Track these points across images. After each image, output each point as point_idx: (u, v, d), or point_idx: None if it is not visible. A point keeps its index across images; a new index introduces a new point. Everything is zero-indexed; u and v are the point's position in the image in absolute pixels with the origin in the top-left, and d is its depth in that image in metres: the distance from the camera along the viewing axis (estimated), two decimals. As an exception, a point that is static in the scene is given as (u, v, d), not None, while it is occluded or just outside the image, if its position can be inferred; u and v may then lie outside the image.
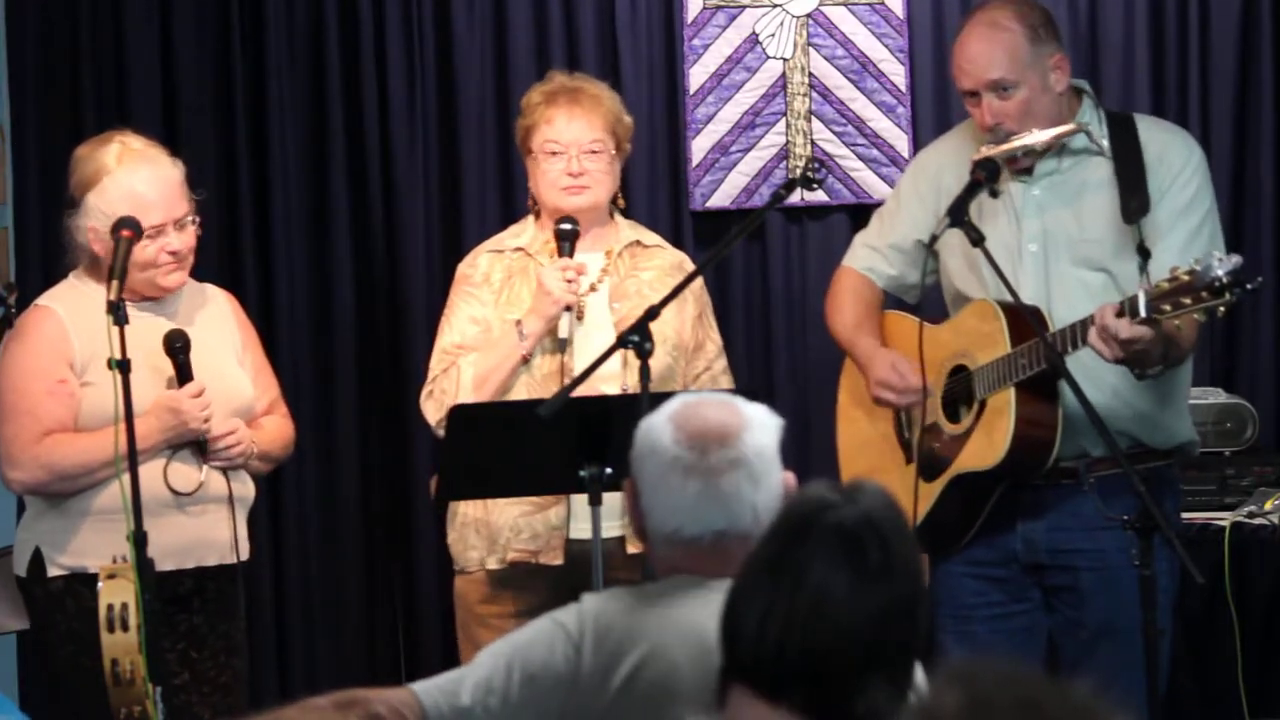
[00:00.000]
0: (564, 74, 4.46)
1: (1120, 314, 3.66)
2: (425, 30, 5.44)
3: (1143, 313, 3.62)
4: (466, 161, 5.44)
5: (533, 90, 4.42)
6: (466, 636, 4.30)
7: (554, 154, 4.27)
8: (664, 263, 4.36)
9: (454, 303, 4.37)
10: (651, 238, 4.45)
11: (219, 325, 4.22)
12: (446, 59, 5.44)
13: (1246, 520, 4.83)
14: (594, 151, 4.26)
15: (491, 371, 4.21)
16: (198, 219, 4.11)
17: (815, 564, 2.12)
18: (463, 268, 4.41)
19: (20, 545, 4.10)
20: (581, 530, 4.16)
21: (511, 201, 5.39)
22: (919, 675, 2.50)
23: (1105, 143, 4.02)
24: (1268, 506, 4.85)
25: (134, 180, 4.02)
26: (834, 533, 2.13)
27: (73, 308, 4.06)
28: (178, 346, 4.01)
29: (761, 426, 2.69)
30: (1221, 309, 3.57)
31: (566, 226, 4.22)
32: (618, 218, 4.42)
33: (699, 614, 2.49)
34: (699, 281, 4.39)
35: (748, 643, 2.13)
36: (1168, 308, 3.60)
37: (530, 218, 4.41)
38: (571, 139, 4.26)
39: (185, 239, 4.07)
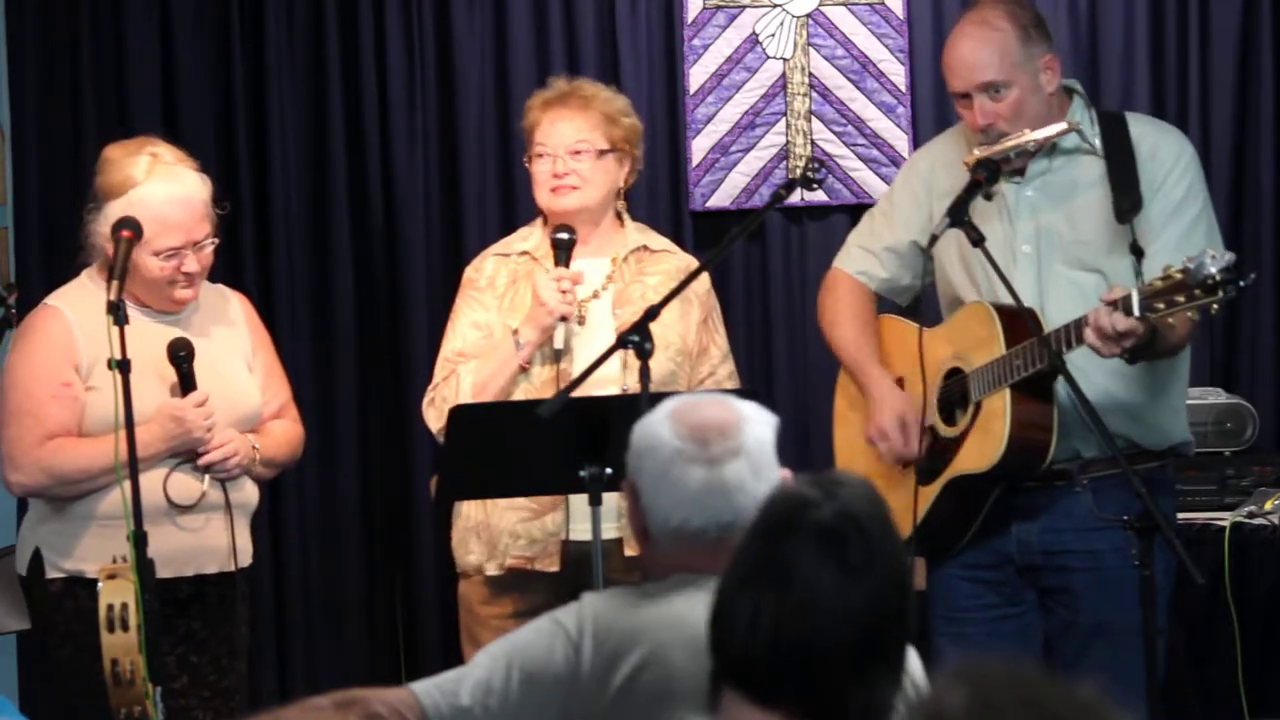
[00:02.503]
0: (565, 79, 4.46)
1: (1114, 311, 3.66)
2: (425, 30, 5.44)
3: (1136, 311, 3.62)
4: (466, 162, 5.44)
5: (531, 97, 4.42)
6: (469, 638, 4.30)
7: (541, 155, 4.28)
8: (670, 267, 4.35)
9: (458, 308, 4.37)
10: (660, 242, 4.44)
11: (230, 330, 4.21)
12: (446, 59, 5.45)
13: (1246, 520, 4.83)
14: (578, 152, 4.26)
15: (490, 379, 4.21)
16: (216, 240, 4.09)
17: (801, 562, 2.12)
18: (469, 271, 4.41)
19: (22, 545, 4.10)
20: (579, 532, 4.16)
21: (511, 202, 5.39)
22: (912, 660, 2.51)
23: (1097, 142, 4.01)
24: (1268, 506, 4.85)
25: (159, 199, 3.99)
26: (816, 530, 2.13)
27: (81, 309, 4.05)
28: (181, 355, 3.99)
29: (759, 421, 2.69)
30: (1214, 306, 3.57)
31: (563, 236, 4.22)
32: (626, 222, 4.41)
33: (699, 614, 2.48)
34: (704, 286, 4.38)
35: (738, 646, 2.13)
36: (1161, 306, 3.60)
37: (539, 221, 4.41)
38: (557, 141, 4.27)
39: (201, 259, 4.06)
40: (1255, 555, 4.82)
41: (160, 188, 4.01)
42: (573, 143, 4.27)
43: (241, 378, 4.17)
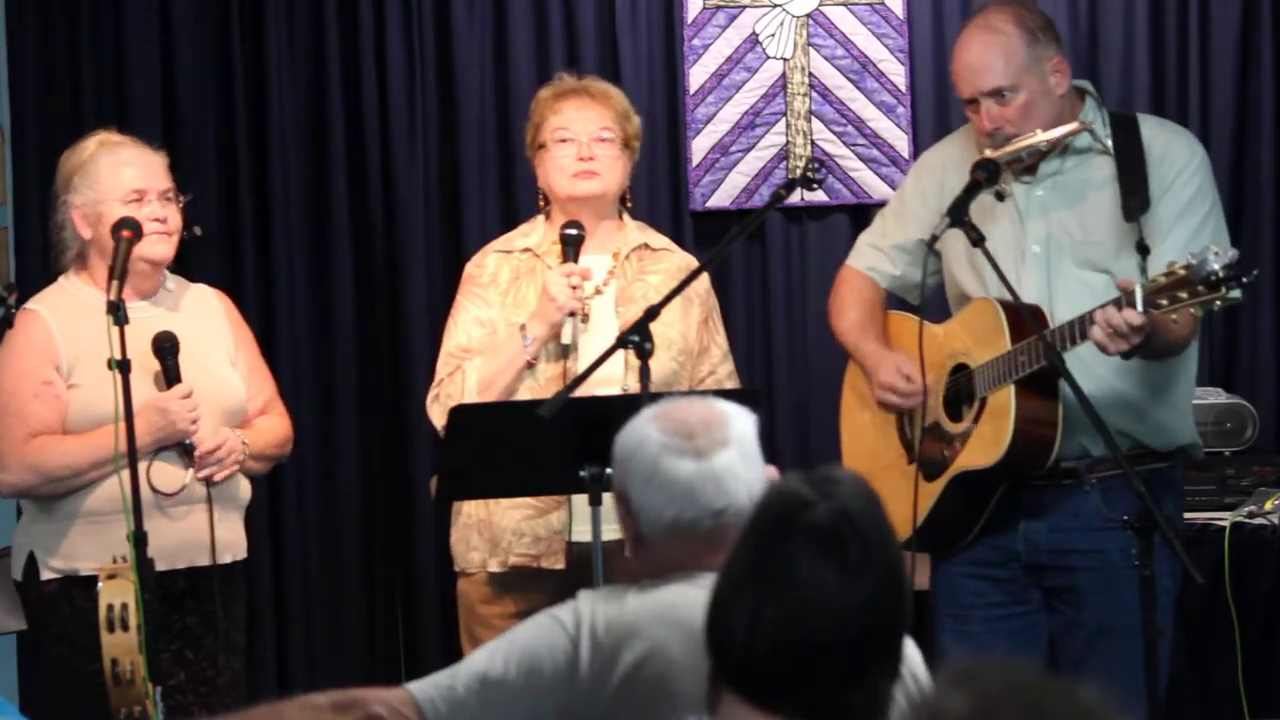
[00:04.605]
0: (573, 75, 4.45)
1: (1120, 309, 3.67)
2: (425, 30, 5.44)
3: (1139, 307, 3.63)
4: (466, 161, 5.44)
5: (541, 91, 4.42)
6: (469, 637, 4.30)
7: (564, 140, 4.27)
8: (671, 265, 4.35)
9: (461, 304, 4.36)
10: (660, 240, 4.44)
11: (211, 325, 4.23)
12: (446, 59, 5.45)
13: (1246, 520, 4.83)
14: (604, 139, 4.27)
15: (496, 376, 4.21)
16: (184, 198, 4.13)
17: (799, 564, 2.11)
18: (470, 268, 4.41)
19: (16, 549, 4.11)
20: (582, 533, 4.15)
21: (512, 201, 5.39)
22: (912, 653, 2.51)
23: (1109, 142, 4.02)
24: (1268, 506, 4.85)
25: (117, 157, 4.08)
26: (813, 532, 2.13)
27: (59, 310, 4.07)
28: (166, 348, 4.01)
29: (741, 417, 2.70)
30: (1218, 303, 3.57)
31: (571, 232, 4.22)
32: (626, 220, 4.41)
33: (697, 611, 2.48)
34: (705, 285, 4.38)
35: (737, 648, 2.13)
36: (1165, 302, 3.60)
37: (540, 218, 4.40)
38: (582, 126, 4.27)
39: (171, 213, 4.09)
40: (1255, 555, 4.82)
41: (116, 150, 4.11)
42: (598, 129, 4.27)
43: (225, 371, 4.18)
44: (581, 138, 4.26)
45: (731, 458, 2.64)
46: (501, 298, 4.31)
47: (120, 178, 4.05)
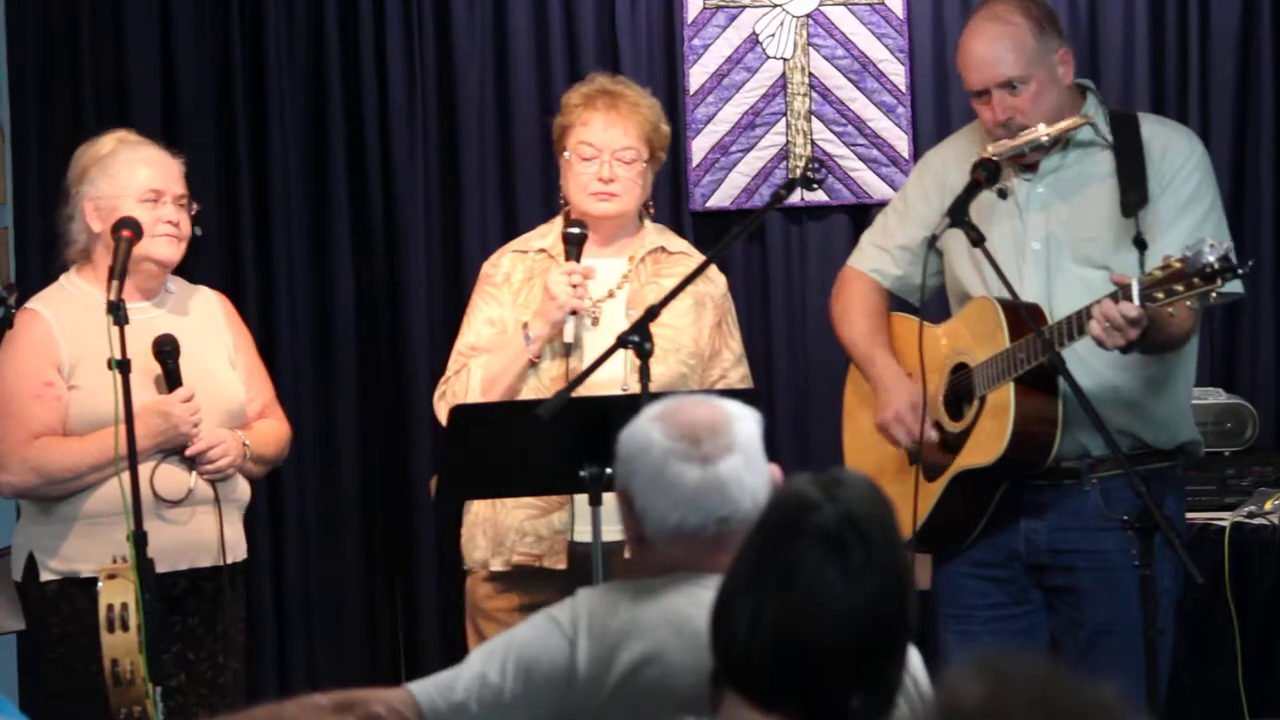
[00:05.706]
0: (606, 76, 4.43)
1: (1116, 302, 3.67)
2: (425, 31, 5.44)
3: (1136, 301, 3.63)
4: (466, 164, 5.44)
5: (572, 90, 4.39)
6: (476, 634, 4.30)
7: (587, 158, 4.26)
8: (687, 270, 4.31)
9: (474, 303, 4.37)
10: (677, 244, 4.43)
11: (211, 326, 4.23)
12: (446, 60, 5.45)
13: (1246, 520, 4.83)
14: (626, 160, 4.25)
15: (499, 374, 4.21)
16: (196, 205, 4.14)
17: (802, 566, 2.12)
18: (485, 267, 4.41)
19: (16, 550, 4.11)
20: (584, 533, 4.16)
21: (512, 203, 5.39)
22: (913, 657, 2.51)
23: (1110, 137, 4.02)
24: (1268, 506, 4.85)
25: (136, 155, 4.10)
26: (818, 534, 2.13)
27: (60, 310, 4.08)
28: (167, 351, 4.01)
29: (746, 418, 2.69)
30: (1214, 295, 3.57)
31: (574, 231, 4.22)
32: (646, 223, 4.40)
33: (699, 612, 2.49)
34: (721, 289, 4.39)
35: (739, 648, 2.13)
36: (1161, 295, 3.61)
37: (559, 219, 4.39)
38: (605, 143, 4.25)
39: (183, 218, 4.10)
40: (1255, 555, 4.82)
41: (134, 148, 4.12)
42: (621, 149, 4.25)
43: (224, 373, 4.18)
44: (604, 154, 4.24)
45: (736, 464, 2.64)
46: (513, 297, 4.31)
47: (138, 176, 4.06)
